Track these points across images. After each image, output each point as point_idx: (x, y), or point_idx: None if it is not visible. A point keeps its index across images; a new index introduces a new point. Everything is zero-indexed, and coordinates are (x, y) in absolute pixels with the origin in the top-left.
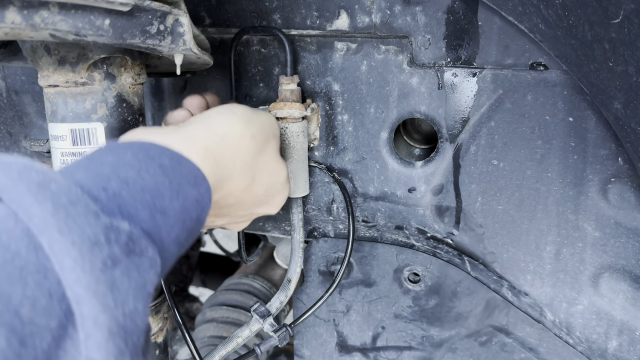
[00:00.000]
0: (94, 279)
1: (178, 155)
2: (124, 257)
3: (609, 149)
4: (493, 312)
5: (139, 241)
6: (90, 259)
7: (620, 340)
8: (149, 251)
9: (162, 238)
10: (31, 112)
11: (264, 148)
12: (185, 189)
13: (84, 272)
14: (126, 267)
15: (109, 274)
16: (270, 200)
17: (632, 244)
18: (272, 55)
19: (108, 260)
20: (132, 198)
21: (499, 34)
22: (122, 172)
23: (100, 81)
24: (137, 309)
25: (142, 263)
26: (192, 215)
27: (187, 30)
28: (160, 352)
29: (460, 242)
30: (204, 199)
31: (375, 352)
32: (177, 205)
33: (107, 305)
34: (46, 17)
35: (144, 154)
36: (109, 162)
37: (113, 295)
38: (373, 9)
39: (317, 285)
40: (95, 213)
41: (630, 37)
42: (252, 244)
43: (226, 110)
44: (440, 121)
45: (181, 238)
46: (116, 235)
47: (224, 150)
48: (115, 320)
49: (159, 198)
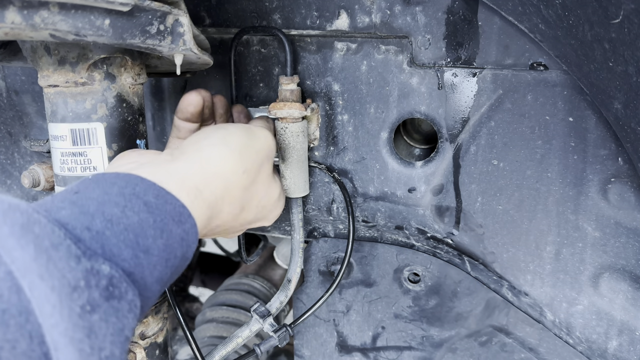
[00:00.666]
0: (72, 325)
1: (164, 191)
2: (103, 302)
3: (609, 149)
4: (493, 312)
5: (119, 285)
6: (69, 304)
7: (620, 340)
8: (128, 294)
9: (145, 277)
10: (31, 112)
11: (255, 177)
12: (170, 227)
13: (62, 318)
14: (105, 312)
15: (87, 320)
16: (263, 217)
17: (632, 244)
18: (272, 55)
19: (87, 305)
20: (116, 237)
21: (499, 34)
22: (107, 210)
23: (100, 81)
24: (113, 354)
25: (121, 307)
26: (176, 254)
27: (187, 30)
28: (160, 352)
29: (460, 242)
30: (189, 236)
31: (375, 352)
32: (161, 244)
33: (84, 352)
34: (46, 17)
35: (130, 189)
36: (94, 198)
37: (90, 342)
38: (373, 9)
39: (317, 285)
40: (76, 257)
41: (630, 37)
42: (252, 244)
43: (220, 142)
44: (440, 121)
45: (164, 277)
46: (96, 279)
47: (214, 190)
48: None
49: (142, 237)
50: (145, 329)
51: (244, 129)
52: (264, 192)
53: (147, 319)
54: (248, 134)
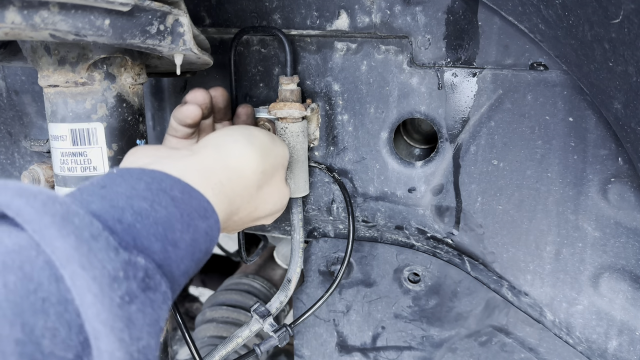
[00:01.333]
0: (112, 315)
1: (189, 187)
2: (141, 293)
3: (609, 149)
4: (493, 312)
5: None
6: (110, 294)
7: (620, 340)
8: (162, 286)
9: (172, 270)
10: (31, 112)
11: (270, 180)
12: (196, 222)
13: (104, 308)
14: (142, 302)
15: (126, 310)
16: (269, 216)
17: (632, 244)
18: (272, 55)
19: (126, 296)
20: (146, 230)
21: (499, 34)
22: (135, 204)
23: (100, 81)
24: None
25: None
26: (201, 248)
27: (187, 30)
28: (160, 352)
29: (460, 242)
30: (212, 231)
31: (375, 352)
32: (188, 238)
33: (123, 341)
34: (46, 17)
35: (156, 185)
36: (122, 193)
37: (129, 332)
38: (373, 9)
39: (317, 285)
40: (115, 248)
41: (630, 37)
42: (252, 244)
43: (243, 139)
44: (440, 121)
45: (190, 270)
46: (134, 271)
47: (235, 187)
48: (130, 356)
49: (170, 230)
50: None
51: (267, 133)
52: (277, 196)
53: None
54: (270, 138)
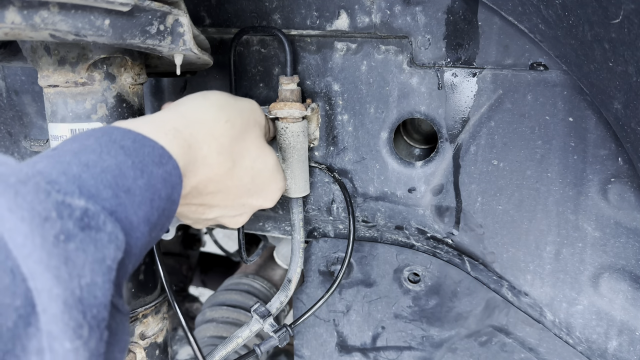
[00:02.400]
0: (46, 253)
1: (141, 136)
2: (79, 232)
3: (609, 149)
4: (493, 312)
5: (96, 216)
6: (41, 233)
7: (620, 340)
8: (107, 226)
9: (129, 216)
10: (31, 112)
11: (243, 133)
12: (150, 168)
13: (35, 247)
14: (81, 241)
15: (62, 248)
16: (261, 191)
17: (632, 244)
18: (272, 55)
19: (61, 234)
20: (93, 179)
21: (499, 34)
22: (83, 157)
23: (100, 81)
24: (95, 282)
25: (100, 238)
26: (160, 194)
27: (187, 30)
28: (160, 352)
29: (460, 242)
30: (172, 177)
31: (375, 352)
32: (142, 184)
33: (61, 278)
34: (46, 17)
35: (106, 138)
36: (71, 150)
37: (67, 269)
38: (373, 9)
39: (317, 285)
40: (46, 191)
41: (630, 37)
42: (252, 244)
43: (200, 96)
44: (440, 121)
45: (152, 217)
46: (69, 211)
47: (195, 132)
48: (71, 292)
49: (121, 177)
50: (145, 329)
51: (226, 93)
52: (257, 153)
53: (147, 319)
54: (230, 95)
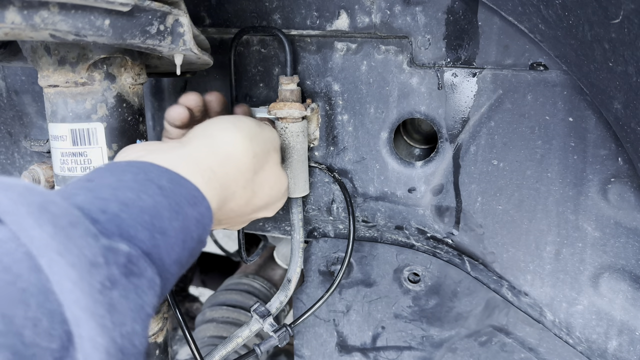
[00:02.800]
0: (92, 301)
1: (177, 175)
2: (123, 278)
3: (609, 149)
4: (493, 312)
5: (138, 262)
6: (89, 280)
7: (620, 340)
8: (147, 272)
9: (162, 258)
10: (31, 112)
11: (264, 164)
12: (185, 209)
13: (83, 294)
14: (124, 288)
15: (107, 296)
16: (269, 207)
17: (632, 244)
18: (272, 55)
19: (107, 281)
20: (132, 219)
21: (499, 34)
22: (121, 194)
23: (100, 81)
24: (135, 330)
25: (141, 284)
26: (193, 235)
27: (187, 30)
28: (160, 352)
29: (460, 242)
30: (204, 219)
31: (375, 352)
32: (177, 225)
33: (105, 327)
34: (46, 17)
35: (143, 175)
36: (108, 185)
37: (111, 317)
38: (373, 9)
39: (317, 285)
40: (94, 235)
41: (630, 37)
42: (252, 244)
43: (231, 126)
44: (440, 121)
45: (182, 258)
46: (115, 256)
47: (227, 172)
48: (113, 342)
49: (157, 218)
50: None
51: (252, 119)
52: (274, 180)
53: None
54: (257, 123)
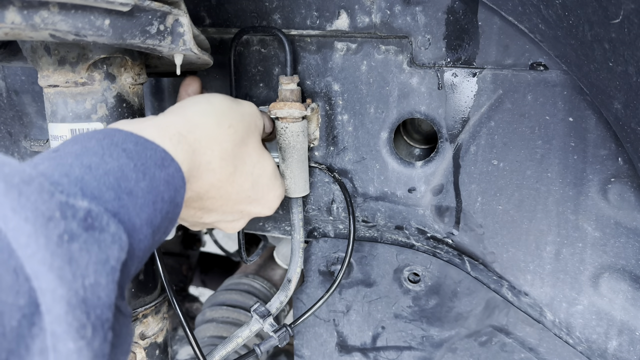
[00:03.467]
0: (50, 253)
1: (143, 139)
2: (83, 232)
3: (609, 149)
4: (493, 312)
5: (100, 217)
6: (45, 233)
7: (620, 340)
8: (110, 227)
9: (132, 218)
10: (31, 112)
11: (245, 138)
12: (152, 170)
13: (39, 247)
14: (85, 241)
15: (66, 248)
16: (261, 198)
17: (632, 244)
18: (272, 55)
19: (64, 234)
20: (96, 181)
21: (499, 34)
22: (85, 159)
23: (100, 81)
24: (98, 282)
25: (104, 238)
26: (163, 197)
27: (187, 30)
28: (160, 352)
29: (460, 242)
30: (174, 180)
31: (375, 352)
32: (144, 186)
33: (65, 278)
34: (46, 17)
35: (108, 141)
36: (72, 152)
37: (71, 269)
38: (373, 9)
39: (317, 285)
40: (49, 191)
41: (630, 37)
42: (252, 244)
43: (203, 99)
44: (440, 121)
45: (155, 220)
46: (72, 211)
47: (199, 138)
48: (75, 293)
49: (123, 180)
50: (145, 329)
51: (228, 96)
52: (257, 158)
53: (147, 319)
54: (232, 99)
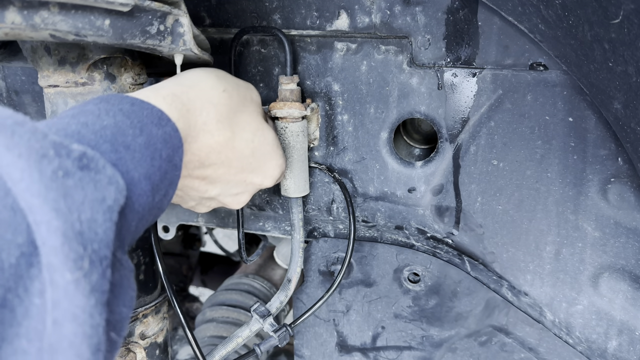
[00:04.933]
0: (44, 186)
1: (139, 100)
2: (77, 170)
3: (609, 149)
4: (493, 312)
5: (95, 160)
6: (39, 168)
7: (620, 340)
8: (106, 169)
9: (129, 171)
10: (31, 112)
11: (241, 106)
12: (149, 128)
13: (32, 180)
14: (80, 179)
15: (60, 183)
16: (262, 166)
17: (632, 244)
18: (272, 55)
19: (59, 170)
20: (93, 134)
21: (499, 34)
22: (81, 118)
23: (101, 81)
24: (95, 218)
25: (99, 179)
26: (161, 154)
27: (187, 30)
28: (160, 352)
29: (460, 242)
30: (172, 139)
31: (375, 352)
32: (142, 141)
33: (60, 210)
34: (46, 17)
35: (104, 103)
36: (69, 114)
37: (66, 202)
38: (373, 9)
39: (317, 285)
40: (43, 133)
41: (630, 37)
42: (252, 244)
43: (198, 69)
44: (440, 121)
45: (154, 177)
46: (67, 151)
47: (193, 98)
48: (70, 225)
49: (120, 134)
50: (146, 329)
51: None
52: (256, 126)
53: (147, 319)
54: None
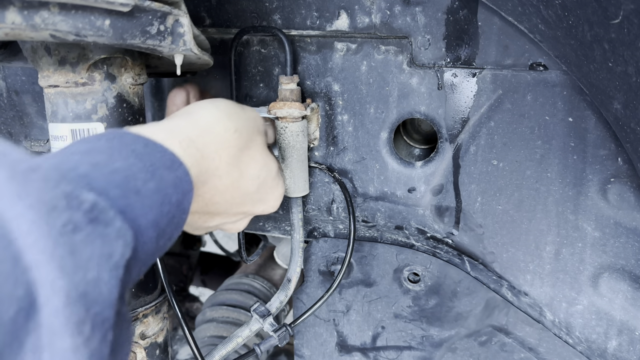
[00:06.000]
0: (52, 242)
1: (152, 141)
2: (86, 224)
3: (608, 149)
4: (493, 312)
5: (105, 211)
6: (48, 221)
7: (619, 340)
8: (116, 222)
9: (137, 218)
10: (31, 112)
11: (249, 142)
12: (160, 172)
13: (41, 235)
14: (88, 234)
15: (68, 238)
16: (265, 197)
17: (632, 244)
18: (272, 56)
19: (68, 224)
20: (103, 178)
21: (499, 34)
22: (92, 157)
23: (101, 81)
24: (101, 277)
25: (108, 233)
26: (171, 199)
27: (188, 30)
28: (160, 352)
29: (460, 242)
30: (182, 184)
31: (375, 352)
32: (152, 187)
33: (65, 269)
34: (46, 17)
35: (117, 141)
36: (79, 151)
37: (73, 260)
38: (373, 9)
39: (317, 285)
40: (55, 180)
41: (630, 37)
42: (252, 244)
43: (209, 104)
44: (440, 121)
45: (161, 223)
46: (78, 202)
47: (207, 142)
48: (75, 286)
49: (131, 179)
50: (146, 329)
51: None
52: (262, 161)
53: (147, 319)
54: (236, 104)
